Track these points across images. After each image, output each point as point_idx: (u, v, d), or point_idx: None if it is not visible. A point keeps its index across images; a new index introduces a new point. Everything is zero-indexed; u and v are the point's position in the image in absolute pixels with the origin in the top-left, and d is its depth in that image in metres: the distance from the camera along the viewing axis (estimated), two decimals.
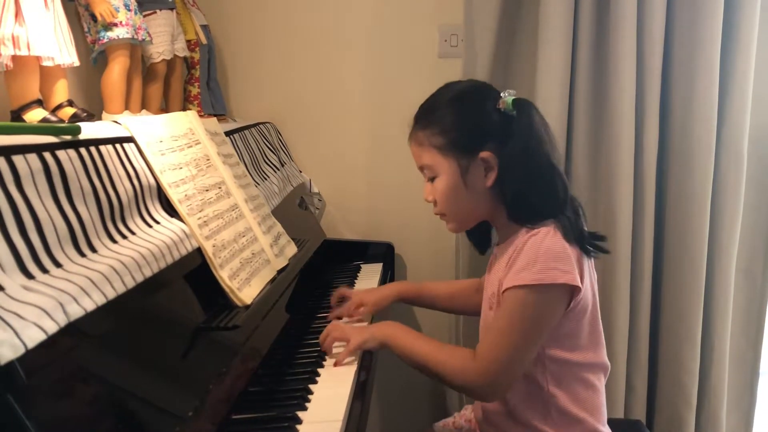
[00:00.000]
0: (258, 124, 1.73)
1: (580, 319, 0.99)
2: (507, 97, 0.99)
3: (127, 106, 1.32)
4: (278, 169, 1.67)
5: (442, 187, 1.03)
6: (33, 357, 0.57)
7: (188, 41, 1.60)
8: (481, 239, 1.14)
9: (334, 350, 1.08)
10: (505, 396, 1.02)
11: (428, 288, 1.33)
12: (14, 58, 0.96)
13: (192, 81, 1.65)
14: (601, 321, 1.04)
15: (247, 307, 1.02)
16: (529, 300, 0.94)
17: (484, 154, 0.99)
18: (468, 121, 1.01)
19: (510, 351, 0.94)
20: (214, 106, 1.69)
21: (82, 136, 0.80)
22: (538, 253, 0.93)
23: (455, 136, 1.00)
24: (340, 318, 1.27)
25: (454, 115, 1.02)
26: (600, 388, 1.04)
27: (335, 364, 1.04)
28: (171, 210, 0.98)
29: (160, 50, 1.43)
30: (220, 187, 1.14)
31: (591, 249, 1.00)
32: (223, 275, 1.01)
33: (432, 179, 1.04)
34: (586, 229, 1.01)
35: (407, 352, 1.03)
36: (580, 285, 0.95)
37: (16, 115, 1.01)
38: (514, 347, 0.94)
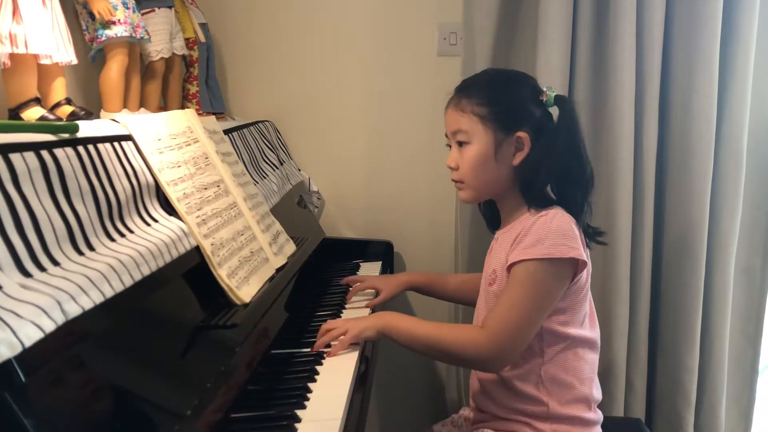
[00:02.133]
0: (257, 122, 1.72)
1: (578, 294, 1.05)
2: (550, 92, 1.08)
3: (125, 105, 1.32)
4: (277, 168, 1.67)
5: (472, 154, 1.08)
6: (30, 355, 0.57)
7: (187, 39, 1.59)
8: (493, 216, 1.19)
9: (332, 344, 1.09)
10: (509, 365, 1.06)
11: (437, 278, 1.40)
12: (12, 56, 0.96)
13: (190, 79, 1.65)
14: (592, 301, 1.11)
15: (245, 305, 1.02)
16: (539, 272, 0.99)
17: (521, 134, 1.06)
18: (511, 100, 1.08)
19: (519, 321, 0.99)
20: (212, 104, 1.69)
21: (80, 135, 0.80)
22: (548, 231, 1.00)
23: (498, 110, 1.07)
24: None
25: (501, 91, 1.09)
26: (589, 362, 1.09)
27: (329, 354, 1.05)
28: (169, 208, 0.98)
29: (158, 48, 1.43)
30: (218, 186, 1.14)
31: (590, 240, 1.08)
32: (222, 274, 1.01)
33: (461, 145, 1.09)
34: (589, 223, 1.09)
35: (410, 336, 1.05)
36: (586, 259, 1.02)
37: (14, 113, 1.01)
38: (523, 317, 0.99)
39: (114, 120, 0.98)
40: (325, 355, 1.07)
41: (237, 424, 0.85)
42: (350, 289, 1.40)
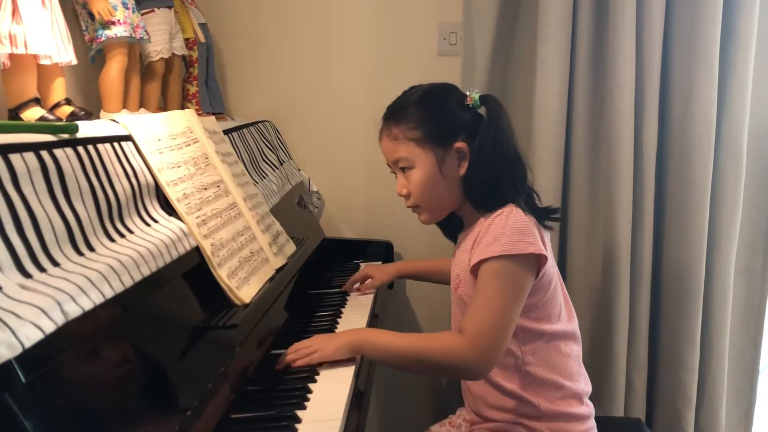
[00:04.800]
0: (257, 122, 1.72)
1: (546, 290, 1.05)
2: (473, 93, 1.08)
3: (125, 105, 1.31)
4: (277, 168, 1.67)
5: (418, 177, 1.08)
6: (30, 356, 0.57)
7: (186, 39, 1.59)
8: (451, 228, 1.19)
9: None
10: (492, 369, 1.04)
11: (422, 265, 1.49)
12: (11, 56, 0.96)
13: (190, 79, 1.65)
14: (567, 294, 1.13)
15: (245, 305, 1.02)
16: (502, 270, 0.99)
17: (459, 144, 1.06)
18: (441, 114, 1.09)
19: (495, 319, 0.98)
20: (212, 104, 1.69)
21: (79, 135, 0.80)
22: (504, 228, 1.00)
23: (431, 128, 1.07)
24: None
25: (427, 110, 1.09)
26: (573, 356, 1.09)
27: (293, 365, 1.01)
28: (169, 209, 0.98)
29: (158, 48, 1.43)
30: (218, 186, 1.14)
31: (548, 222, 1.08)
32: (222, 274, 1.01)
33: (405, 170, 1.10)
34: (538, 206, 1.09)
35: (388, 352, 1.01)
36: (546, 254, 1.01)
37: (14, 113, 1.01)
38: (498, 314, 0.98)
39: (114, 120, 0.98)
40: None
41: (237, 425, 0.86)
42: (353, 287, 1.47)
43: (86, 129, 0.83)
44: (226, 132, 1.38)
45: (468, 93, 1.09)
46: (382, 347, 1.02)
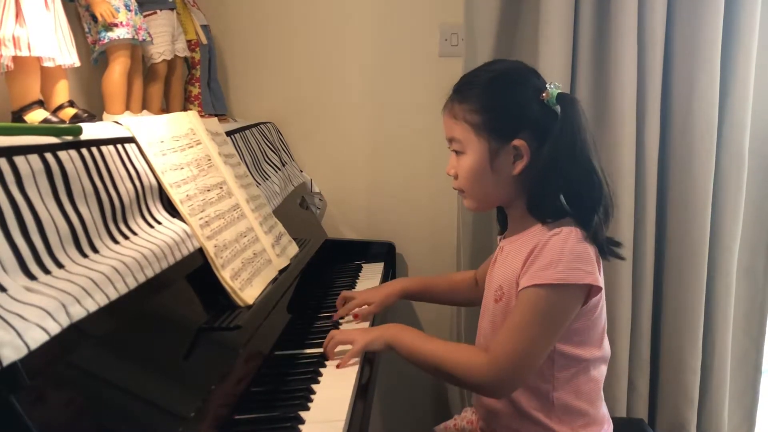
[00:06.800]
0: (259, 123, 1.72)
1: (591, 315, 0.99)
2: (552, 89, 0.97)
3: (128, 107, 1.32)
4: (279, 169, 1.67)
5: (467, 164, 1.00)
6: (35, 358, 0.57)
7: (189, 41, 1.59)
8: (506, 222, 1.11)
9: (337, 352, 1.06)
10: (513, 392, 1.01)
11: (430, 283, 1.34)
12: (15, 58, 0.96)
13: (193, 81, 1.65)
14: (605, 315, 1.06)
15: (249, 307, 1.02)
16: (549, 298, 0.93)
17: (518, 142, 0.96)
18: (508, 105, 0.98)
19: (524, 347, 0.93)
20: (214, 106, 1.69)
21: (83, 137, 0.81)
22: (562, 252, 0.92)
23: (492, 118, 0.97)
24: (343, 318, 1.27)
25: (494, 95, 0.99)
26: (600, 379, 1.05)
27: (338, 366, 1.03)
28: (172, 210, 0.98)
29: (160, 50, 1.43)
30: (221, 187, 1.14)
31: (606, 253, 1.00)
32: (225, 275, 1.01)
33: (458, 153, 1.02)
34: (605, 233, 1.00)
35: (414, 353, 1.01)
36: (601, 285, 0.96)
37: (18, 115, 1.01)
38: (529, 343, 0.93)
39: (117, 122, 0.98)
40: (326, 363, 1.05)
41: (241, 426, 0.85)
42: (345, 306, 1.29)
43: (90, 131, 0.84)
44: (229, 133, 1.38)
45: (548, 86, 0.97)
46: (408, 347, 1.01)
